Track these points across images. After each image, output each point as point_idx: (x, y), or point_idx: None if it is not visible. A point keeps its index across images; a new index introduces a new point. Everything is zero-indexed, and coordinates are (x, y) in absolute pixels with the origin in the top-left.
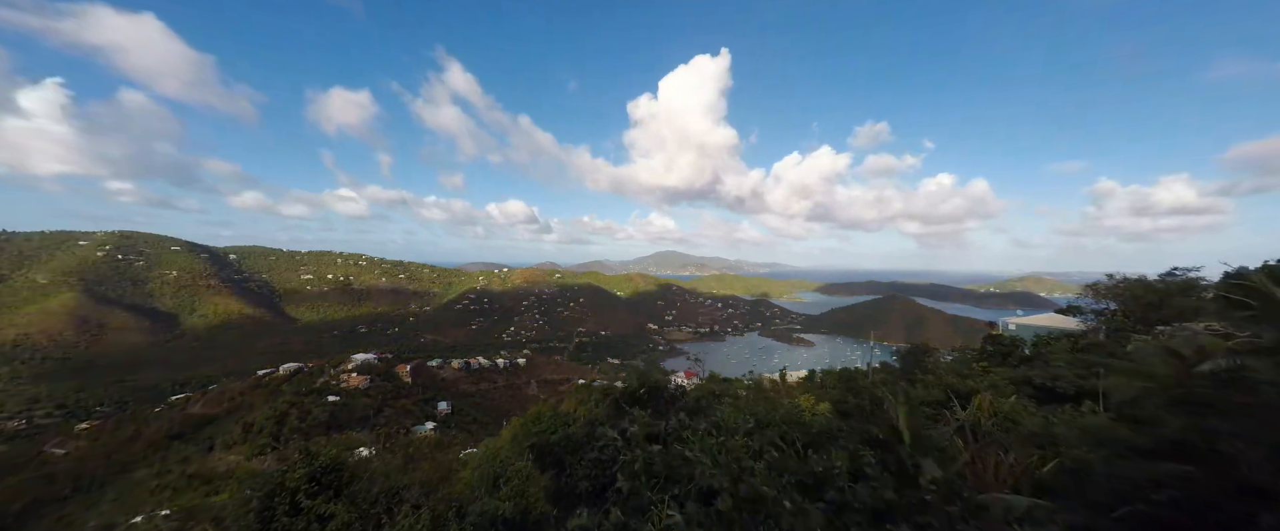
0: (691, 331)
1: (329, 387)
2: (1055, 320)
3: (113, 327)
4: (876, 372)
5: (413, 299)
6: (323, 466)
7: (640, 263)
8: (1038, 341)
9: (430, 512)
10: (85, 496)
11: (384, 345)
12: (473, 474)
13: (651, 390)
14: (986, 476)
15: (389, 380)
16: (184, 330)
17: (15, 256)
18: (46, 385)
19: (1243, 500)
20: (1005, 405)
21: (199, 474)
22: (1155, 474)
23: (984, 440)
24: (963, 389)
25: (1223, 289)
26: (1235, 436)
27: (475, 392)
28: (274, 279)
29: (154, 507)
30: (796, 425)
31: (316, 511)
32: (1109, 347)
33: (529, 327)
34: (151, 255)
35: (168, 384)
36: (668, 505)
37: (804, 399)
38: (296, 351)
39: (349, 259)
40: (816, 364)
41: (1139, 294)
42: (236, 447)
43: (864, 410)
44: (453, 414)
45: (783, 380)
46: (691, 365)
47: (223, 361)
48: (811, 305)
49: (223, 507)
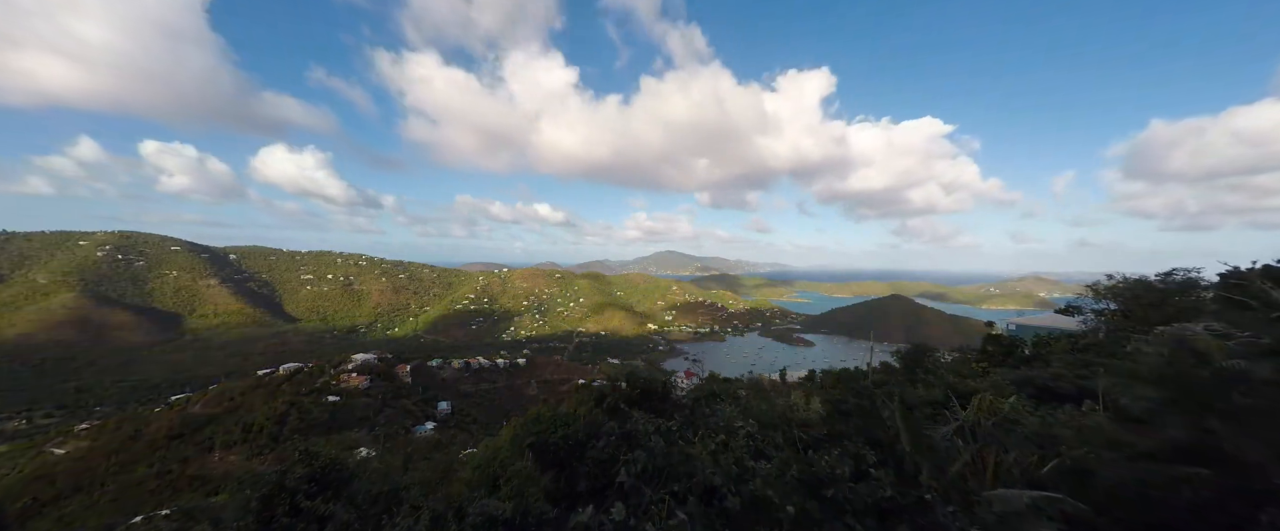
0: (691, 331)
1: (329, 387)
2: (1055, 320)
3: (113, 327)
4: (876, 373)
5: (413, 299)
6: (322, 467)
7: (640, 262)
8: (1038, 341)
9: (430, 513)
10: (85, 496)
11: (384, 345)
12: (472, 474)
13: (650, 390)
14: (987, 476)
15: (389, 380)
16: (184, 330)
17: (15, 256)
18: (46, 385)
19: (1244, 501)
20: (1005, 405)
21: (199, 474)
22: (1156, 474)
23: (984, 440)
24: (963, 389)
25: (1222, 289)
26: (1236, 437)
27: (475, 392)
28: (274, 279)
29: (154, 507)
30: (797, 425)
31: (316, 512)
32: (1109, 347)
33: (529, 327)
34: (151, 255)
35: (168, 384)
36: (669, 504)
37: (804, 399)
38: (296, 351)
39: (349, 259)
40: (816, 364)
41: (1139, 294)
42: (236, 447)
43: (864, 410)
44: (453, 414)
45: (783, 380)
46: (691, 365)
47: (223, 361)
48: (811, 305)
49: (223, 508)
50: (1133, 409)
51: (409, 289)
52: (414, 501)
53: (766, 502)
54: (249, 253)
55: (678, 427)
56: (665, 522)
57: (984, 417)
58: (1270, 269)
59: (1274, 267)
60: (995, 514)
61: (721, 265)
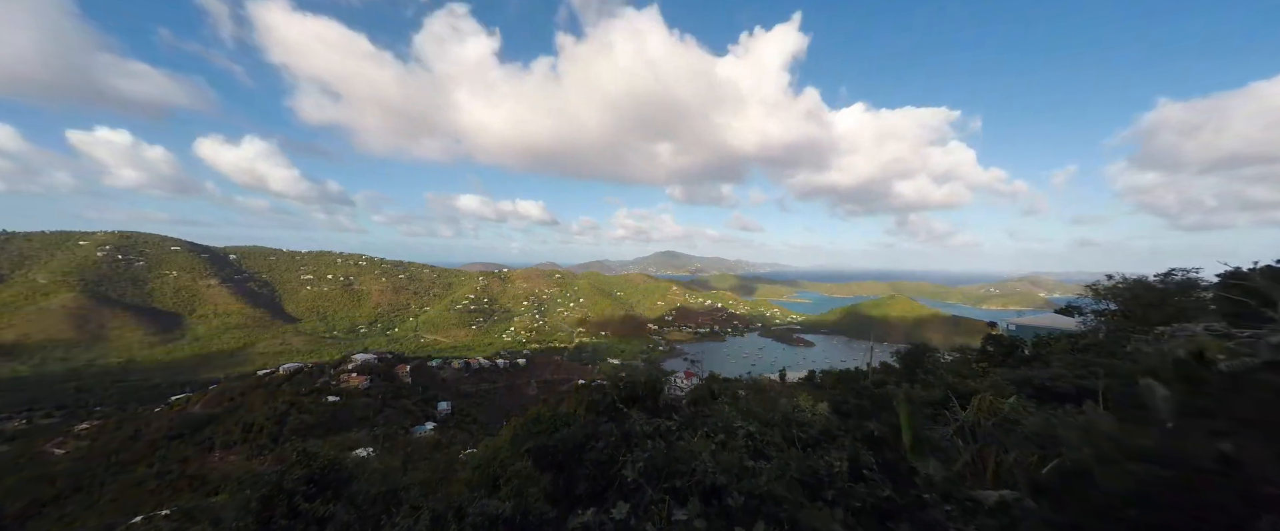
0: (691, 331)
1: (329, 387)
2: (1055, 320)
3: (113, 327)
4: (876, 373)
5: (413, 299)
6: (321, 467)
7: (640, 263)
8: (1038, 341)
9: (430, 513)
10: (85, 496)
11: (384, 345)
12: (472, 474)
13: (650, 390)
14: (987, 476)
15: (389, 380)
16: (184, 330)
17: (15, 256)
18: (46, 385)
19: (1245, 503)
20: (1005, 405)
21: (199, 474)
22: (1156, 476)
23: (984, 440)
24: (963, 389)
25: (1222, 289)
26: (1237, 439)
27: (475, 392)
28: (274, 279)
29: (154, 507)
30: (797, 425)
31: (315, 513)
32: (1109, 348)
33: (529, 327)
34: (151, 255)
35: (168, 384)
36: (669, 504)
37: (804, 399)
38: (296, 351)
39: (349, 259)
40: (816, 364)
41: (1138, 293)
42: (236, 447)
43: (864, 410)
44: (453, 414)
45: (783, 380)
46: (691, 365)
47: (223, 361)
48: (811, 305)
49: (222, 508)
50: (1133, 409)
51: (409, 289)
52: (414, 501)
53: (769, 500)
54: (249, 253)
55: (677, 427)
56: (666, 522)
57: (984, 418)
58: (1270, 269)
59: (1274, 268)
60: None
61: (721, 265)
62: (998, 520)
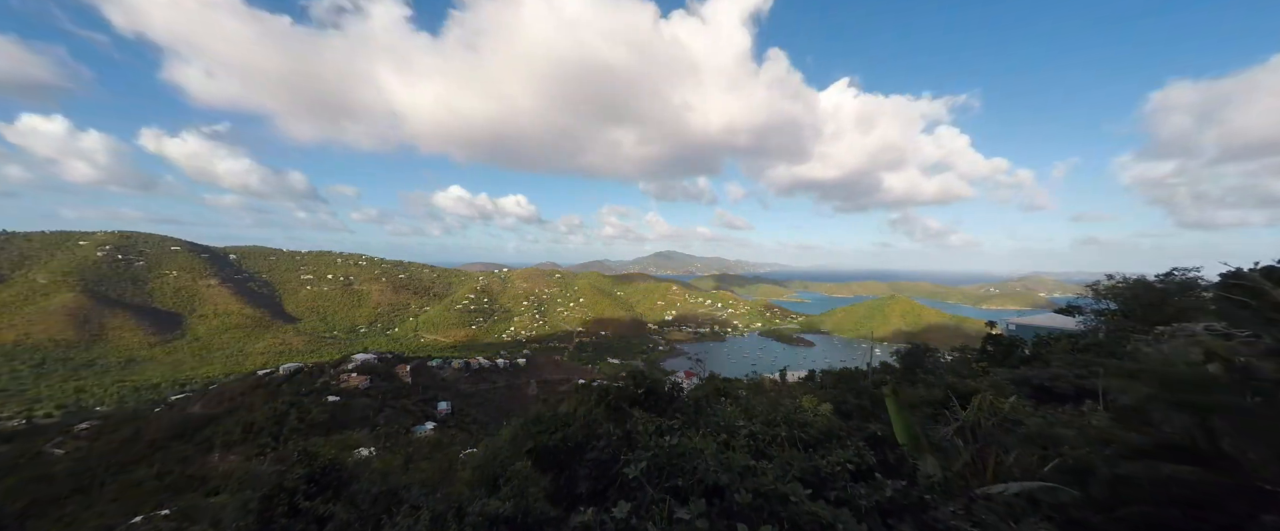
0: (691, 331)
1: (329, 387)
2: (1055, 320)
3: (113, 327)
4: (877, 373)
5: (413, 299)
6: (321, 467)
7: (640, 263)
8: (1038, 341)
9: (430, 513)
10: (85, 496)
11: (384, 345)
12: (472, 474)
13: (650, 390)
14: (987, 475)
15: (389, 380)
16: (184, 330)
17: (15, 256)
18: (46, 385)
19: (1244, 501)
20: (1005, 405)
21: (199, 474)
22: (1157, 474)
23: (984, 440)
24: (963, 389)
25: (1222, 289)
26: (1237, 437)
27: (475, 392)
28: (274, 279)
29: (154, 508)
30: (798, 425)
31: (315, 512)
32: (1109, 347)
33: (529, 328)
34: (151, 255)
35: (168, 384)
36: (670, 503)
37: (805, 399)
38: (296, 351)
39: (349, 259)
40: (817, 364)
41: (1138, 293)
42: (236, 447)
43: (864, 410)
44: (453, 414)
45: (783, 380)
46: (692, 365)
47: (223, 361)
48: (811, 305)
49: (222, 508)
50: (1133, 409)
51: (409, 289)
52: (414, 501)
53: (773, 499)
54: (249, 253)
55: (679, 427)
56: (667, 521)
57: (984, 417)
58: (1271, 269)
59: (1274, 268)
60: (991, 509)
61: (721, 265)
62: (1003, 517)
